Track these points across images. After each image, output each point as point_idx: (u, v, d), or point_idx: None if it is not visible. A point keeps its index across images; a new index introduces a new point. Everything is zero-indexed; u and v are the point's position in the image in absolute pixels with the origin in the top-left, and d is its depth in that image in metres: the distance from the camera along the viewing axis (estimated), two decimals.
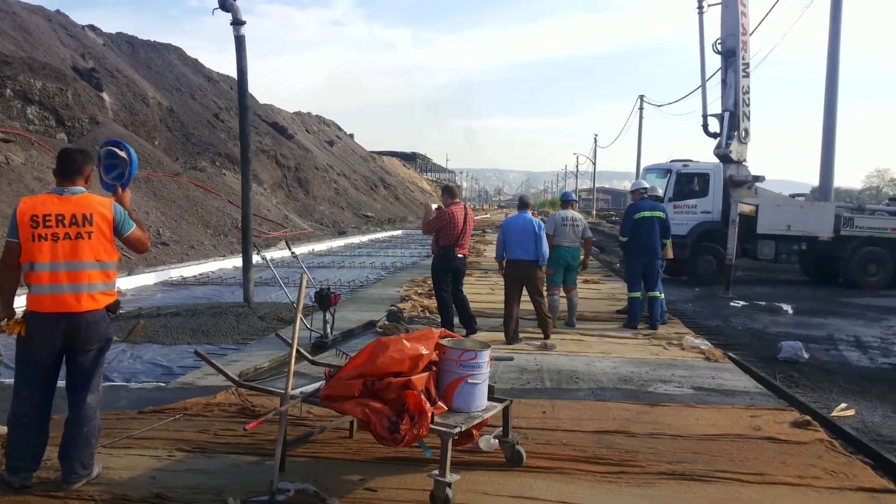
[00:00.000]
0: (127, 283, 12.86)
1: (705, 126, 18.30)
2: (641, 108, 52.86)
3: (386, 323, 9.01)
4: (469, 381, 3.98)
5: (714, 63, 18.40)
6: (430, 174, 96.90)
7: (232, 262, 17.51)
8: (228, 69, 46.55)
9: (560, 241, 9.26)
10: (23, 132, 19.27)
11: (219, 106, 36.33)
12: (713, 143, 17.83)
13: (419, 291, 12.43)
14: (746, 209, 15.93)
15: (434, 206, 8.35)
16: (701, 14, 18.77)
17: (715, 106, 18.30)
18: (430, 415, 3.70)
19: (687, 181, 16.98)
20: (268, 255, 12.05)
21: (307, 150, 42.87)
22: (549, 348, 7.98)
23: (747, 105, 17.37)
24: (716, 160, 17.58)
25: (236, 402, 5.53)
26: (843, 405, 6.40)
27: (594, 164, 77.80)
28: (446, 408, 3.95)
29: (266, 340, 8.30)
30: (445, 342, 4.12)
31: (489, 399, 4.21)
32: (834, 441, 4.94)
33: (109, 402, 5.40)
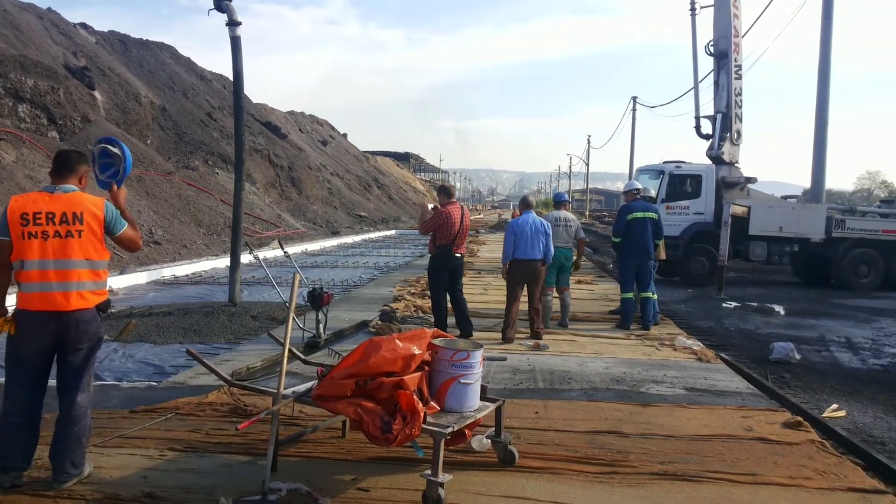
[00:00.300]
0: (119, 282, 12.81)
1: (698, 127, 18.36)
2: (634, 110, 52.94)
3: (379, 323, 9.00)
4: (461, 380, 3.98)
5: (706, 65, 18.50)
6: (423, 174, 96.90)
7: (224, 262, 17.43)
8: (221, 68, 46.50)
9: (553, 242, 9.26)
10: (14, 130, 19.17)
11: (211, 105, 36.22)
12: (706, 144, 17.90)
13: (412, 291, 12.42)
14: (739, 210, 15.99)
15: (430, 206, 8.34)
16: (693, 16, 18.83)
17: (707, 107, 18.37)
18: (422, 415, 3.70)
19: (679, 182, 17.03)
20: (260, 255, 12.01)
21: (300, 150, 42.78)
22: (542, 349, 7.99)
23: (739, 107, 17.43)
24: (708, 162, 17.63)
25: (228, 401, 5.52)
26: (835, 406, 6.43)
27: (587, 164, 77.89)
28: (439, 408, 3.95)
29: (258, 340, 8.28)
30: (438, 342, 4.12)
31: (482, 399, 4.21)
32: (825, 442, 4.96)
33: (101, 401, 5.38)
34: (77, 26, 32.26)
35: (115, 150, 4.22)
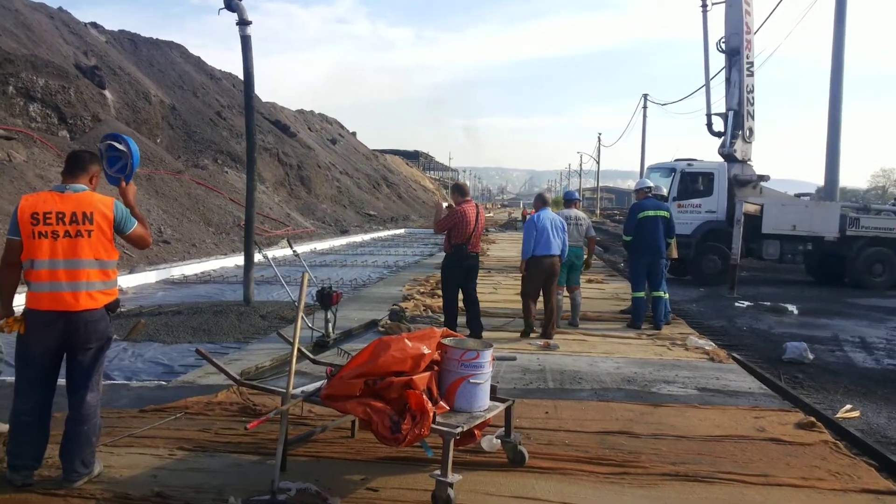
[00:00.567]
0: (128, 281, 12.87)
1: (709, 125, 18.27)
2: (645, 107, 52.70)
3: (388, 322, 8.99)
4: (471, 380, 3.96)
5: (718, 62, 18.36)
6: (433, 172, 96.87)
7: (233, 261, 17.51)
8: (230, 67, 46.62)
9: None
10: (25, 130, 19.29)
11: (221, 104, 36.34)
12: (717, 142, 17.80)
13: (422, 290, 12.41)
14: (751, 209, 15.88)
15: (445, 205, 8.31)
16: (705, 13, 18.73)
17: (719, 105, 18.26)
18: (431, 414, 3.68)
19: (691, 180, 16.94)
20: (270, 254, 12.04)
21: (309, 149, 42.86)
22: (553, 348, 7.96)
23: (751, 104, 17.32)
24: (720, 159, 17.53)
25: (238, 400, 5.52)
26: (848, 406, 6.37)
27: (598, 162, 77.61)
28: (448, 407, 3.93)
29: (267, 339, 8.28)
30: (448, 341, 4.10)
31: (491, 399, 4.19)
32: (838, 442, 4.91)
33: (111, 400, 5.39)
34: (87, 26, 32.45)
35: (122, 146, 4.22)
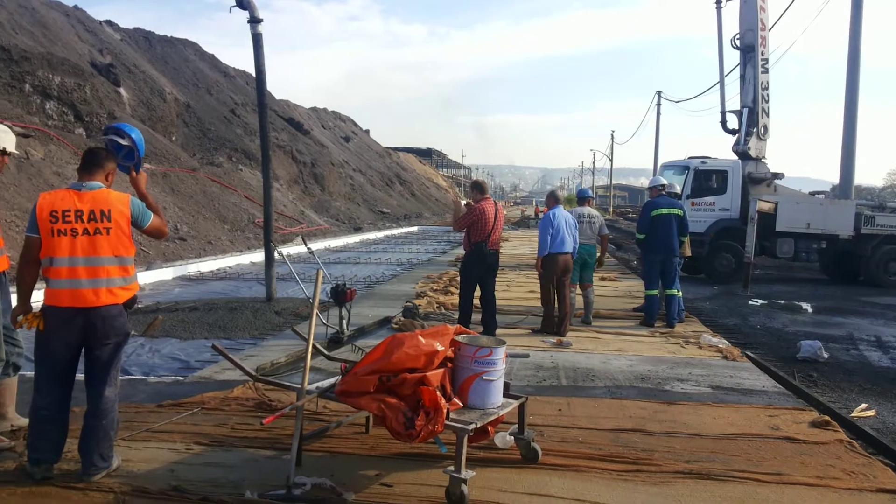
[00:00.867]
0: (145, 277, 12.98)
1: (724, 122, 18.15)
2: (659, 105, 52.45)
3: (401, 319, 9.02)
4: (484, 377, 3.98)
5: (733, 59, 18.26)
6: (445, 170, 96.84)
7: (248, 258, 17.62)
8: (245, 64, 46.77)
9: None
10: (42, 127, 19.46)
11: (235, 101, 36.50)
12: (732, 139, 17.68)
13: (435, 288, 12.44)
14: (765, 206, 15.78)
15: (464, 203, 8.32)
16: (719, 9, 18.62)
17: (733, 102, 18.19)
18: (445, 411, 3.70)
19: (705, 178, 16.84)
20: (284, 251, 12.10)
21: (323, 146, 42.98)
22: (565, 346, 7.96)
23: (766, 101, 17.20)
24: (734, 157, 17.43)
25: (253, 396, 5.57)
26: (864, 405, 6.33)
27: (611, 160, 77.29)
28: (461, 404, 3.95)
29: (282, 336, 8.33)
30: (461, 339, 4.12)
31: (505, 396, 4.21)
32: (854, 441, 4.89)
33: (128, 395, 5.46)
34: (102, 23, 32.68)
35: (125, 142, 4.23)
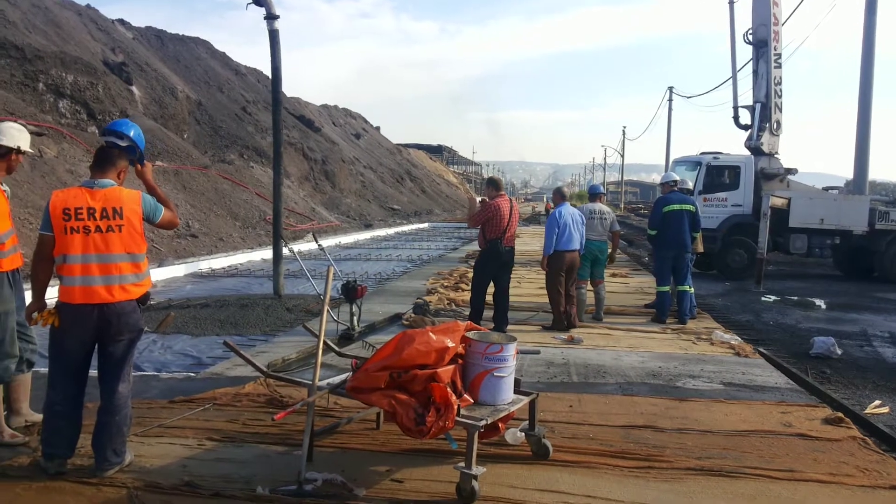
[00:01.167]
0: (157, 274, 13.05)
1: (736, 118, 18.05)
2: (671, 100, 52.16)
3: (412, 315, 9.03)
4: (495, 373, 3.98)
5: (745, 54, 18.14)
6: (456, 167, 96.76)
7: (260, 255, 17.68)
8: (256, 62, 46.99)
9: (588, 235, 9.20)
10: (55, 126, 19.60)
11: (246, 99, 36.64)
12: (744, 135, 17.58)
13: (445, 284, 12.44)
14: (778, 202, 15.67)
15: (479, 199, 8.30)
16: (732, 5, 18.52)
17: (746, 97, 18.08)
18: (455, 407, 3.70)
19: (717, 174, 16.75)
20: (295, 248, 12.14)
21: (334, 143, 43.06)
22: (576, 342, 7.94)
23: (779, 96, 17.08)
24: (747, 152, 17.33)
25: (265, 392, 5.59)
26: (877, 402, 6.28)
27: (622, 156, 77.03)
28: (472, 400, 3.96)
29: (293, 332, 8.36)
30: (471, 335, 4.12)
31: (515, 392, 4.20)
32: (867, 438, 4.85)
33: (141, 391, 5.49)
34: (115, 22, 32.88)
35: (124, 143, 4.18)
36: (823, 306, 12.32)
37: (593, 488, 3.90)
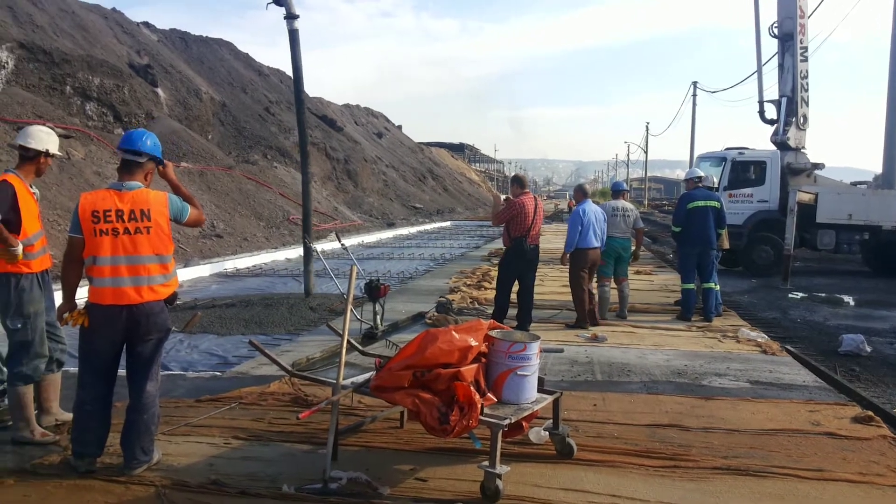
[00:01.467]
0: (183, 274, 13.19)
1: (762, 112, 17.81)
2: (695, 95, 51.61)
3: (435, 314, 9.04)
4: (519, 372, 3.97)
5: (770, 47, 17.90)
6: (478, 165, 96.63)
7: (284, 254, 17.82)
8: (278, 63, 47.25)
9: (611, 232, 9.15)
10: (82, 128, 19.90)
11: (269, 100, 36.91)
12: (770, 130, 17.35)
13: (468, 283, 12.44)
14: (805, 198, 15.46)
15: (503, 197, 8.29)
16: None
17: (771, 92, 17.83)
18: (479, 406, 3.70)
19: (742, 169, 16.57)
20: (318, 247, 12.21)
21: (356, 143, 43.23)
22: (600, 340, 7.90)
23: (806, 90, 16.83)
24: (773, 147, 17.11)
25: (290, 391, 5.63)
26: None
27: (646, 152, 76.36)
28: (496, 399, 3.95)
29: (317, 331, 8.41)
30: (495, 334, 4.11)
31: (539, 391, 4.19)
32: None
33: (168, 390, 5.56)
34: (140, 25, 33.28)
35: (142, 159, 4.04)
36: (852, 303, 12.13)
37: (618, 487, 3.88)
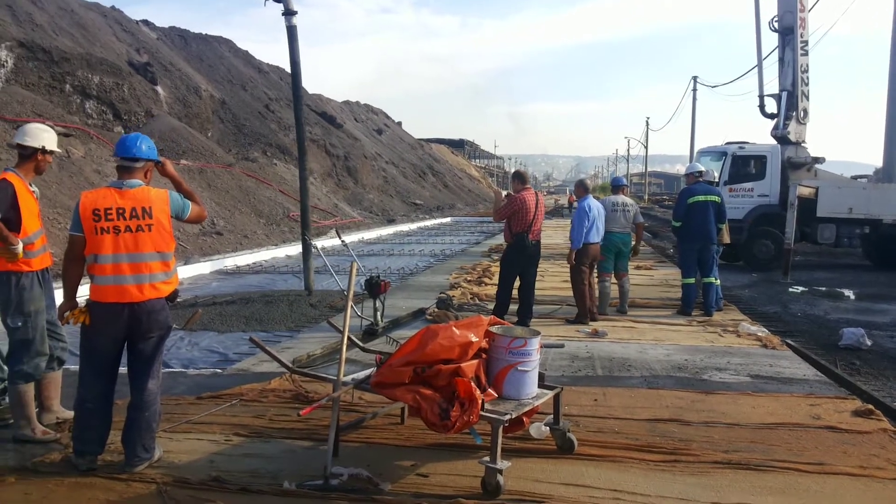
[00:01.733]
0: (184, 272, 13.20)
1: (762, 107, 17.79)
2: (695, 90, 51.52)
3: (435, 310, 9.05)
4: (519, 368, 3.97)
5: (771, 41, 17.87)
6: (478, 161, 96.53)
7: (284, 251, 17.82)
8: (278, 60, 47.17)
9: (611, 227, 9.14)
10: (82, 126, 19.89)
11: (269, 97, 36.87)
12: (770, 124, 17.34)
13: (469, 279, 12.44)
14: (806, 192, 15.45)
15: (504, 193, 8.28)
16: None
17: (772, 86, 17.81)
18: (480, 402, 3.71)
19: (743, 164, 16.57)
20: (318, 244, 12.20)
21: (356, 139, 43.21)
22: (601, 335, 7.90)
23: (806, 84, 16.81)
24: (773, 142, 17.09)
25: (290, 388, 5.64)
26: None
27: (646, 147, 76.24)
28: (496, 395, 3.95)
29: (318, 328, 8.42)
30: (495, 329, 4.12)
31: (540, 386, 4.20)
32: None
33: (169, 387, 5.56)
34: (139, 23, 33.24)
35: (139, 164, 4.01)
36: (852, 297, 12.13)
37: (619, 482, 3.88)
